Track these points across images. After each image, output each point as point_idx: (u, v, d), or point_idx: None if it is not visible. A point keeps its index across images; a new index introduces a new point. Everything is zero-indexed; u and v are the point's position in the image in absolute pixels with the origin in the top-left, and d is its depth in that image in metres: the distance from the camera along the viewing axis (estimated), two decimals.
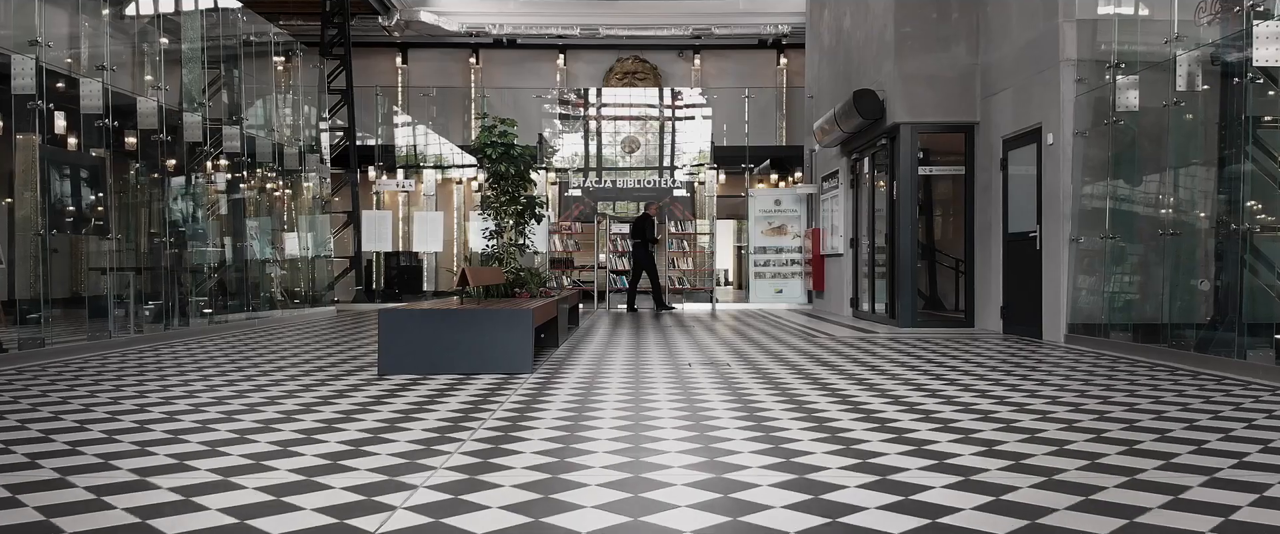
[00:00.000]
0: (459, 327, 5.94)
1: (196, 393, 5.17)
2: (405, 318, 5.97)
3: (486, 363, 5.94)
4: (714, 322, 11.86)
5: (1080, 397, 4.95)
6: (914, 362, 6.75)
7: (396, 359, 5.93)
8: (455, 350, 5.93)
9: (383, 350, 5.96)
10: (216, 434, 3.87)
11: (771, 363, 6.67)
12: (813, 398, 4.90)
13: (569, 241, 15.72)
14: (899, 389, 5.27)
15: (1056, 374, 5.97)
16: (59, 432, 3.93)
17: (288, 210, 12.98)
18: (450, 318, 5.96)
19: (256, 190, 11.98)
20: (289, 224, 13.01)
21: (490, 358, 5.95)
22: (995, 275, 9.99)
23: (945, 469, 3.16)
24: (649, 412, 4.44)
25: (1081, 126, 8.55)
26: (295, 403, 4.77)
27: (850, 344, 8.31)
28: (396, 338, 5.93)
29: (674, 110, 17.84)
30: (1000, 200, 9.88)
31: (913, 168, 10.49)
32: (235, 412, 4.49)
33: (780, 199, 15.49)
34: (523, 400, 4.84)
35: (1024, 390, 5.20)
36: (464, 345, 5.93)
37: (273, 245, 12.32)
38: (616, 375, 5.90)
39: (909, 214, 10.48)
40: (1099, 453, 3.45)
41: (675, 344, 8.24)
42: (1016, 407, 4.61)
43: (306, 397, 5.01)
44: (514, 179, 8.18)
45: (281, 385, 5.49)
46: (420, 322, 5.96)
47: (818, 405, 4.64)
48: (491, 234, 8.30)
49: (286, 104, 12.89)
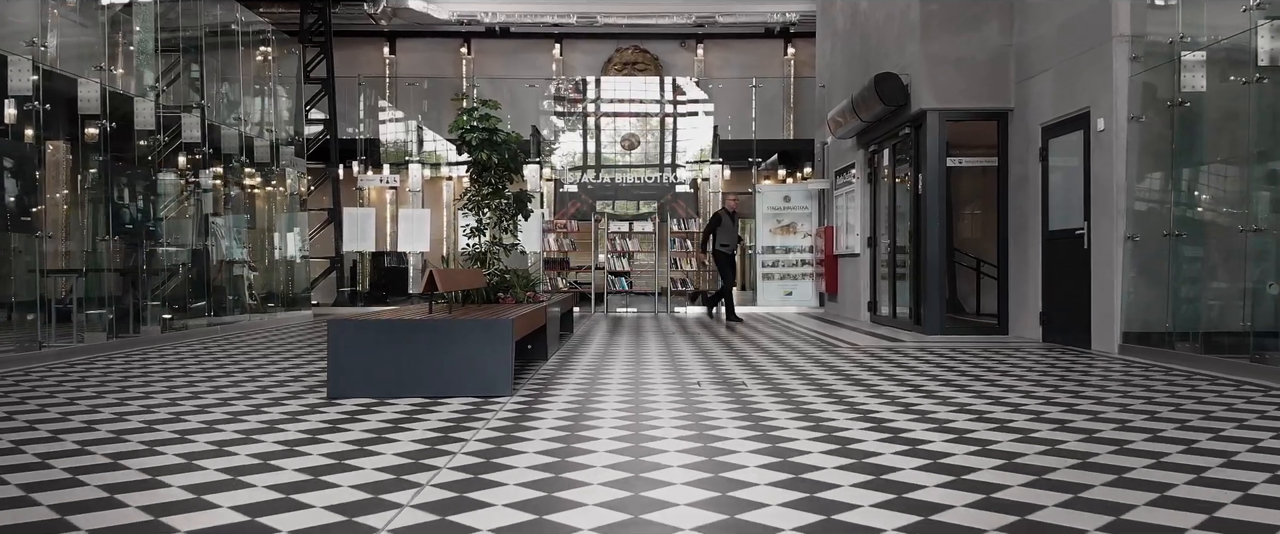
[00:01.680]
0: (424, 341, 4.98)
1: (95, 424, 4.20)
2: (358, 330, 5.00)
3: (457, 384, 4.97)
4: (719, 326, 10.89)
5: (1182, 429, 3.98)
6: (956, 378, 5.78)
7: (348, 380, 4.96)
8: (419, 369, 4.96)
9: (332, 370, 4.99)
10: (85, 490, 2.90)
11: (793, 380, 5.70)
12: (854, 431, 3.93)
13: (565, 241, 14.75)
14: (956, 418, 4.30)
15: (1132, 394, 5.00)
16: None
17: (259, 207, 12.01)
18: (414, 330, 5.00)
19: (222, 185, 11.02)
20: (261, 222, 12.04)
21: (461, 378, 4.98)
22: (1033, 278, 9.02)
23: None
24: (651, 453, 3.47)
25: (1137, 110, 7.58)
26: (210, 440, 3.81)
27: (878, 356, 7.34)
28: (348, 355, 4.97)
29: (675, 103, 16.85)
30: (1039, 194, 8.92)
31: (941, 159, 9.52)
32: (125, 455, 3.52)
33: (789, 195, 14.52)
34: (493, 436, 3.87)
35: (1106, 418, 4.23)
36: (430, 363, 4.96)
37: (242, 245, 11.35)
38: (612, 398, 4.94)
39: (937, 210, 9.51)
40: (1214, 503, 2.51)
41: (679, 354, 7.28)
42: (1117, 446, 3.64)
43: (230, 430, 4.05)
44: (498, 169, 7.22)
45: (207, 413, 4.52)
46: (377, 335, 4.99)
47: (863, 443, 3.67)
48: (473, 231, 7.34)
49: (258, 93, 11.93)
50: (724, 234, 11.75)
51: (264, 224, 12.13)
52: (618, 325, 11.26)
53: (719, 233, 11.76)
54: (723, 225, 11.77)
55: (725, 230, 11.76)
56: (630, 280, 14.86)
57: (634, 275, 15.17)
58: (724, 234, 11.75)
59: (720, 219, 11.85)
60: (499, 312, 5.87)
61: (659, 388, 5.37)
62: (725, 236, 11.75)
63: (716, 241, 11.78)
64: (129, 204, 8.74)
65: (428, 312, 5.53)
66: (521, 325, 5.57)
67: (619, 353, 7.53)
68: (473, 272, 6.41)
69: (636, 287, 15.10)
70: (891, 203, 10.99)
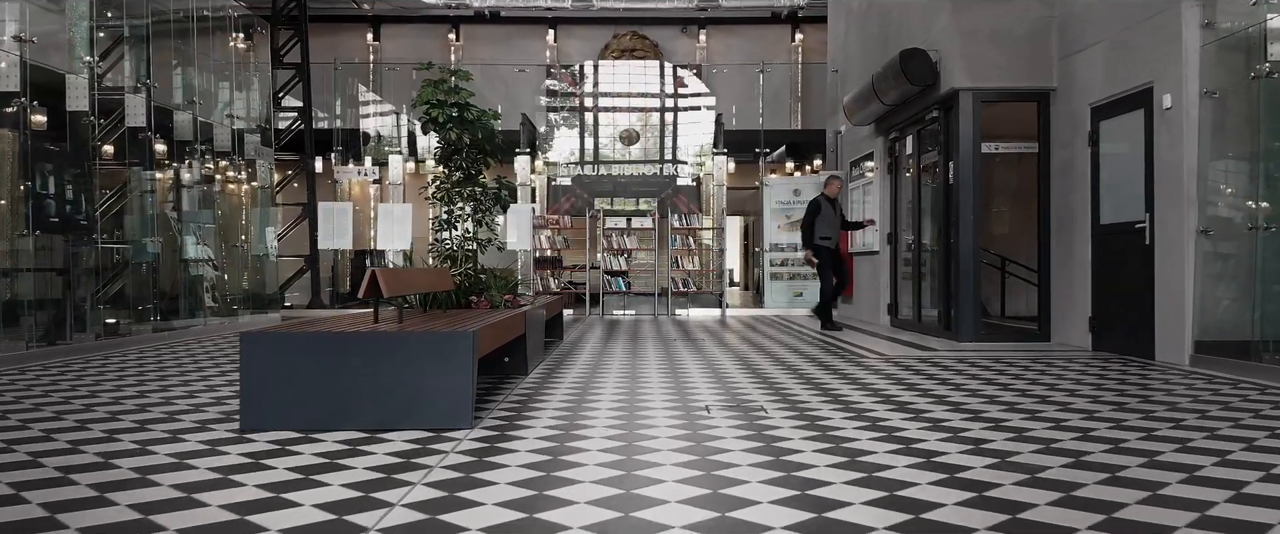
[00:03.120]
0: (362, 358, 3.94)
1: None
2: (280, 346, 3.97)
3: (403, 413, 3.94)
4: (726, 332, 9.86)
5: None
6: (1017, 398, 4.74)
7: (266, 409, 3.93)
8: (356, 395, 3.93)
9: (246, 396, 3.95)
10: None
11: (821, 403, 4.67)
12: (925, 491, 2.89)
13: (558, 238, 13.70)
14: (1049, 464, 3.27)
15: (1246, 421, 3.97)
16: None
17: (222, 200, 10.98)
18: (348, 345, 3.96)
19: (175, 175, 9.98)
20: (224, 217, 11.01)
21: (409, 405, 3.94)
22: (1080, 278, 7.99)
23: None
24: (648, 530, 2.45)
25: (1212, 84, 6.56)
26: (51, 499, 2.77)
27: (912, 369, 6.31)
28: (267, 376, 3.93)
29: (676, 92, 15.77)
30: (1088, 183, 7.89)
31: (975, 144, 8.49)
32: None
33: (800, 189, 13.47)
34: (436, 492, 2.84)
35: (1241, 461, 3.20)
36: (369, 387, 3.93)
37: (200, 242, 10.31)
38: (599, 431, 3.90)
39: (971, 201, 8.48)
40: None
41: (683, 368, 6.24)
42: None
43: (101, 476, 3.02)
44: (471, 152, 6.18)
45: (79, 452, 3.49)
46: (303, 351, 3.95)
47: (942, 512, 2.63)
48: (443, 225, 6.31)
49: (220, 75, 10.88)
50: (825, 225, 9.90)
51: (228, 219, 11.09)
52: (614, 330, 10.23)
53: (818, 224, 9.87)
54: (823, 214, 9.89)
55: (826, 220, 9.89)
56: (628, 280, 13.83)
57: (632, 275, 14.13)
58: (825, 225, 9.90)
59: (819, 206, 9.93)
60: (464, 319, 4.84)
61: (658, 415, 4.34)
62: (826, 228, 9.91)
63: (816, 234, 9.90)
64: (57, 195, 7.70)
65: (374, 321, 4.49)
66: (490, 336, 4.54)
67: (612, 364, 6.49)
68: (434, 271, 5.37)
69: (635, 287, 14.07)
70: (915, 195, 9.95)
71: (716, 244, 13.87)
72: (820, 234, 9.88)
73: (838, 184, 10.30)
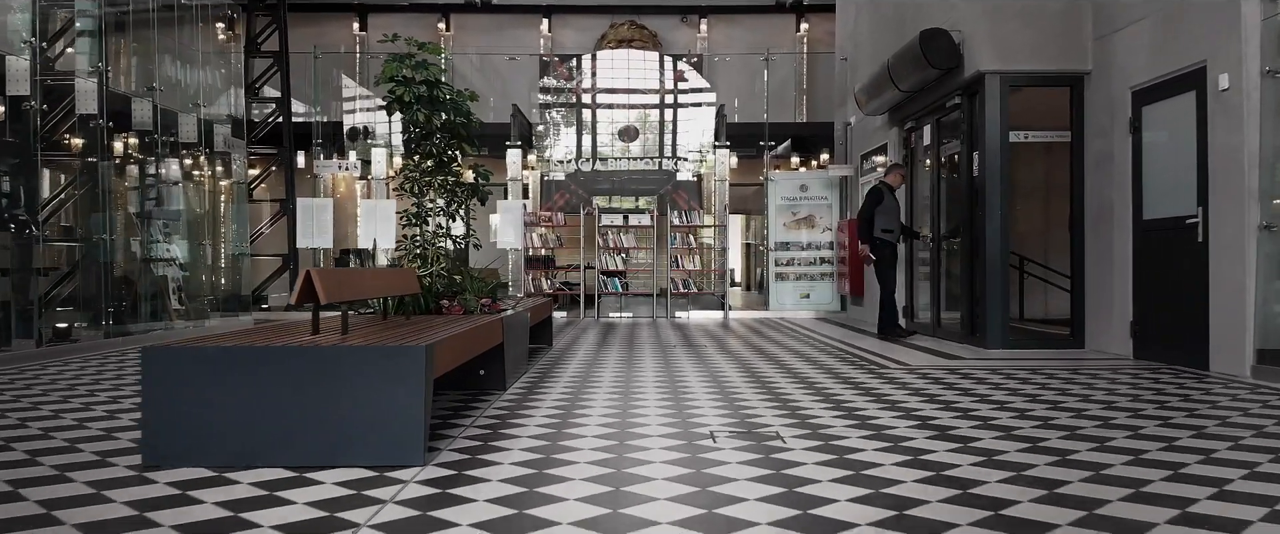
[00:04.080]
0: (292, 379, 3.23)
1: None
2: (189, 362, 3.24)
3: (340, 446, 3.22)
4: (729, 336, 9.14)
5: None
6: (1075, 421, 4.02)
7: (174, 440, 3.21)
8: (285, 423, 3.21)
9: (150, 424, 3.24)
10: None
11: (849, 429, 3.95)
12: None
13: (550, 236, 12.96)
14: (1156, 520, 2.54)
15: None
16: None
17: (189, 195, 10.26)
18: (274, 363, 3.24)
19: (136, 168, 9.26)
20: (191, 213, 10.29)
21: (348, 437, 3.23)
22: (1119, 279, 7.27)
23: None
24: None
25: (1276, 63, 5.83)
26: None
27: (942, 382, 5.58)
28: (173, 399, 3.21)
29: (676, 85, 15.02)
30: (1128, 175, 7.17)
31: (1002, 133, 7.77)
32: None
33: (807, 184, 12.75)
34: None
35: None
36: (301, 414, 3.22)
37: (161, 239, 9.59)
38: (581, 471, 3.19)
39: (998, 195, 7.76)
40: None
41: (683, 381, 5.52)
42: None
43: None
44: (443, 134, 5.46)
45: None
46: (217, 369, 3.23)
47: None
48: (410, 220, 5.59)
49: (186, 62, 10.16)
50: (887, 217, 8.68)
51: (196, 216, 10.37)
52: (609, 334, 9.50)
53: (879, 215, 8.61)
54: (885, 204, 8.67)
55: (888, 212, 8.69)
56: (625, 281, 13.10)
57: (630, 275, 13.41)
58: (887, 217, 8.68)
59: (881, 196, 8.68)
60: (426, 329, 4.12)
61: (654, 444, 3.62)
62: (889, 220, 8.69)
63: (878, 226, 8.64)
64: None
65: (312, 331, 3.77)
66: (453, 349, 3.82)
67: (604, 376, 5.77)
68: (394, 272, 4.64)
69: (632, 288, 13.35)
70: (934, 188, 9.23)
71: (718, 242, 13.15)
72: (882, 226, 8.66)
73: (901, 174, 9.11)
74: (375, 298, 4.70)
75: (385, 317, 4.75)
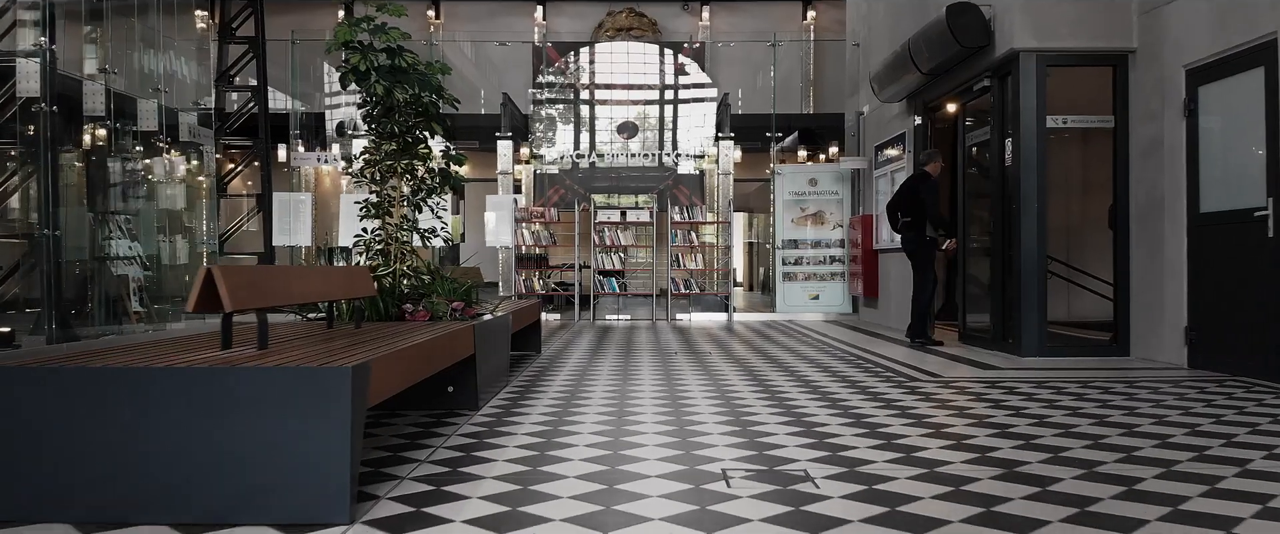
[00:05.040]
0: (176, 411, 2.47)
1: None
2: (33, 387, 2.49)
3: (243, 502, 2.47)
4: (735, 341, 8.38)
5: None
6: (1160, 451, 3.27)
7: (18, 492, 2.45)
8: (170, 470, 2.46)
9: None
10: None
11: (894, 465, 3.19)
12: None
13: (543, 233, 12.19)
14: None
15: None
16: None
17: (153, 189, 9.51)
18: (156, 388, 2.48)
19: (90, 158, 8.51)
20: (156, 208, 9.53)
21: (251, 487, 2.47)
22: (1171, 279, 6.52)
23: None
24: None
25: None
26: None
27: (982, 398, 4.83)
28: (16, 437, 2.46)
29: (677, 76, 14.23)
30: (1181, 164, 6.42)
31: (1039, 118, 7.02)
32: None
33: (816, 178, 11.98)
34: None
35: None
36: (191, 458, 2.46)
37: (122, 236, 8.84)
38: (558, 529, 2.43)
39: (1034, 187, 7.01)
40: None
41: (686, 397, 4.77)
42: None
43: None
44: (406, 112, 4.71)
45: None
46: (76, 398, 2.47)
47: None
48: (368, 211, 4.83)
49: (146, 44, 9.40)
50: (913, 208, 8.07)
51: (159, 210, 9.61)
52: (604, 339, 8.75)
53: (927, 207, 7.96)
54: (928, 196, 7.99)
55: (931, 203, 8.03)
56: (623, 281, 12.34)
57: (628, 275, 12.66)
58: (913, 208, 8.07)
59: (915, 187, 8.07)
60: (372, 341, 3.36)
61: (653, 485, 2.87)
62: (922, 211, 8.03)
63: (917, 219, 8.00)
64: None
65: (222, 345, 3.01)
66: (401, 368, 3.06)
67: (595, 392, 5.01)
68: (339, 272, 3.88)
69: (630, 288, 12.60)
70: (960, 180, 8.47)
71: (722, 240, 12.40)
72: (908, 220, 8.08)
73: (939, 165, 8.23)
74: (320, 302, 3.95)
75: (330, 324, 3.99)
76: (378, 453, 3.41)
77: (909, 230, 8.08)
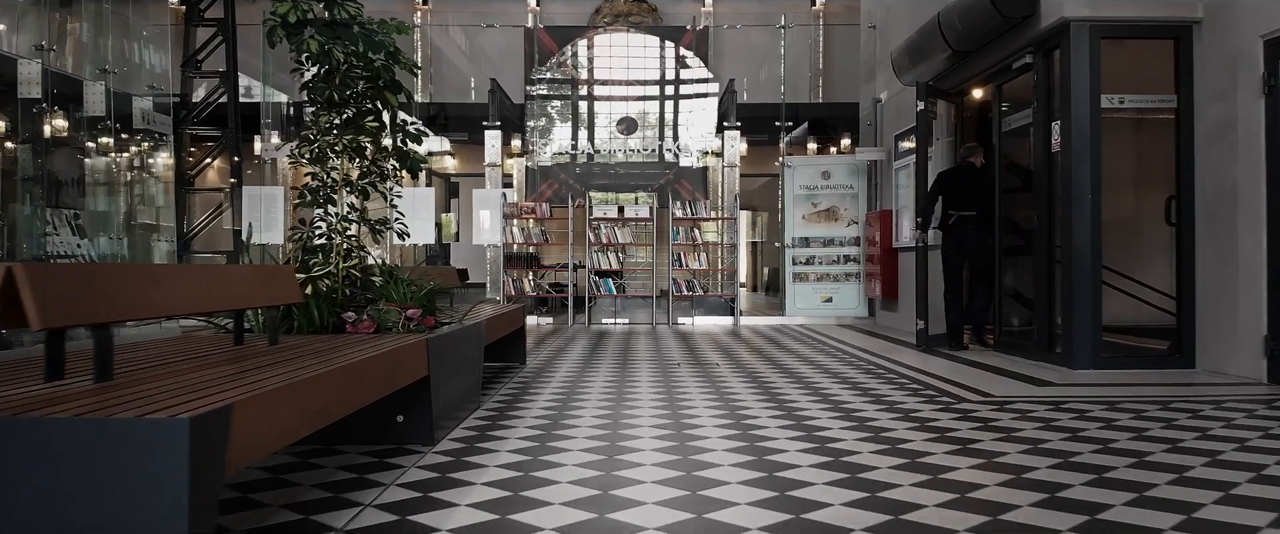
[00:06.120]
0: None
1: None
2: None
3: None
4: (743, 349, 7.52)
5: None
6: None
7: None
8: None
9: None
10: None
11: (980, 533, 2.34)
12: None
13: (534, 230, 11.32)
14: None
15: None
16: None
17: (99, 181, 8.65)
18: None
19: (19, 146, 7.65)
20: (103, 202, 8.68)
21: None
22: (1248, 281, 5.66)
23: None
24: None
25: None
26: None
27: (1054, 425, 3.97)
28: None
29: (680, 61, 13.36)
30: (1260, 148, 5.56)
31: (1093, 97, 6.16)
32: None
33: (830, 170, 11.11)
34: None
35: None
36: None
37: (56, 234, 7.98)
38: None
39: (1087, 175, 6.15)
40: None
41: (693, 424, 3.92)
42: None
43: None
44: (350, 77, 3.85)
45: None
46: None
47: None
48: (307, 198, 3.98)
49: (97, 24, 8.54)
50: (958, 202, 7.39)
51: (108, 206, 8.75)
52: (599, 347, 7.89)
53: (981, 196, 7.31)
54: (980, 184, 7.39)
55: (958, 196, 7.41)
56: (621, 282, 11.48)
57: (626, 275, 11.80)
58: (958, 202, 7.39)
59: (977, 176, 7.43)
60: (278, 364, 2.50)
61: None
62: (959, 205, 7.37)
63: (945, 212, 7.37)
64: None
65: (47, 376, 2.15)
66: (297, 410, 2.20)
67: (584, 416, 4.16)
68: (249, 273, 3.03)
69: (629, 289, 11.74)
70: (998, 170, 7.60)
71: (727, 237, 11.54)
72: (954, 210, 7.42)
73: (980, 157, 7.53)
74: (220, 313, 3.09)
75: (238, 340, 3.12)
76: (283, 517, 2.55)
77: (972, 226, 7.31)
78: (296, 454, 3.35)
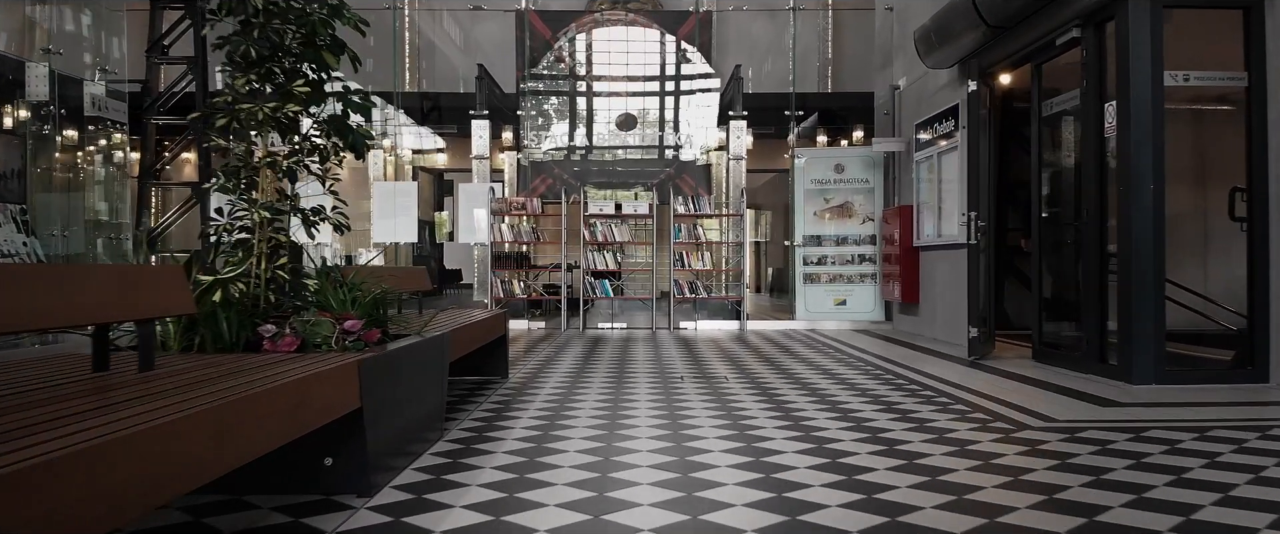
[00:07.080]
0: None
1: None
2: None
3: None
4: (753, 358, 6.76)
5: None
6: None
7: None
8: None
9: None
10: None
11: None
12: None
13: (524, 228, 10.56)
14: None
15: None
16: None
17: (41, 175, 7.90)
18: None
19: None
20: (47, 198, 7.93)
21: None
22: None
23: None
24: None
25: None
26: None
27: (1143, 462, 3.23)
28: None
29: (681, 51, 12.60)
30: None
31: (1156, 75, 5.40)
32: None
33: (843, 163, 10.34)
34: None
35: None
36: None
37: (18, 229, 7.25)
38: None
39: (1150, 163, 5.39)
40: None
41: (703, 460, 3.17)
42: None
43: None
44: (269, 31, 3.10)
45: None
46: None
47: None
48: (219, 183, 3.24)
49: (43, 3, 7.79)
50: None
51: (58, 200, 8.00)
52: (593, 355, 7.13)
53: None
54: None
55: None
56: (618, 284, 10.72)
57: (624, 277, 11.04)
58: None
59: None
60: (140, 399, 1.74)
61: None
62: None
63: None
64: None
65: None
66: (111, 482, 1.44)
67: (568, 451, 3.40)
68: (96, 272, 2.27)
69: (627, 291, 10.98)
70: (1037, 160, 6.83)
71: (733, 235, 10.77)
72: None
73: None
74: (84, 327, 2.35)
75: (101, 365, 2.37)
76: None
77: None
78: (190, 509, 2.60)
